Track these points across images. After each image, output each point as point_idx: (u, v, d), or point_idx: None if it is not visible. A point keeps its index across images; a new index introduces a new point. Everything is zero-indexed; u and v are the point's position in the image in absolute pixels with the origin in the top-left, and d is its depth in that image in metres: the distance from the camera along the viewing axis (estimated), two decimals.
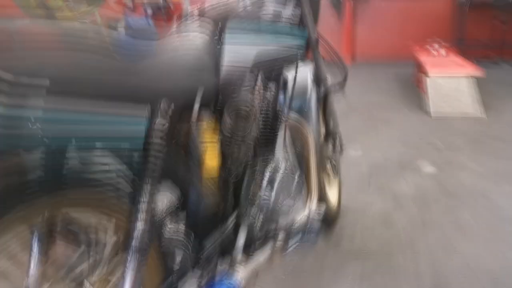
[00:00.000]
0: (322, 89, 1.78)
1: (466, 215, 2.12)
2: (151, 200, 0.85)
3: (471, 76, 3.88)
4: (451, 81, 3.91)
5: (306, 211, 1.54)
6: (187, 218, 1.03)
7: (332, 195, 1.96)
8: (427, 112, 3.91)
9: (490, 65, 5.92)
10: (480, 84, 4.04)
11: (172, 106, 0.85)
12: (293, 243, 1.41)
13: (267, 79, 1.27)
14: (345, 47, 6.83)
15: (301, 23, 1.46)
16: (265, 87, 1.26)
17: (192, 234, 1.03)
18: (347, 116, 3.87)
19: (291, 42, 1.34)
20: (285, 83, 1.40)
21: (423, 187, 2.45)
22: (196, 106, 0.95)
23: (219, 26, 1.12)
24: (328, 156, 1.89)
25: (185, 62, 0.94)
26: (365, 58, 6.93)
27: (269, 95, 1.29)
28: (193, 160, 1.03)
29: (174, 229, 1.00)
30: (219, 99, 1.09)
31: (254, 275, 1.20)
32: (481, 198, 2.28)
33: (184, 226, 1.02)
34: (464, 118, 3.74)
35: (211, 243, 1.09)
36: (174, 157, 0.94)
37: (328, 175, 1.93)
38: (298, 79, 1.47)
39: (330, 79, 1.84)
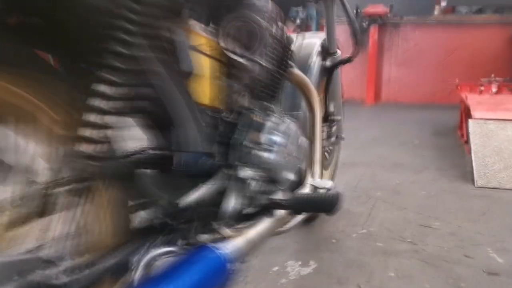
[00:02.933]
0: (328, 63, 1.68)
1: None
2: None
3: None
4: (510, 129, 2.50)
5: (310, 183, 1.33)
6: (160, 159, 0.81)
7: None
8: (469, 179, 2.42)
9: None
10: None
11: None
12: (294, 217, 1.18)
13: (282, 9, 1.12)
14: (367, 83, 5.68)
15: None
16: (278, 16, 1.09)
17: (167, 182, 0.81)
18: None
19: None
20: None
21: None
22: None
23: None
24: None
25: None
26: (392, 97, 5.61)
27: (280, 28, 1.09)
28: (180, 73, 0.79)
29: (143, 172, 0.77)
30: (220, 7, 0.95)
31: (248, 248, 0.90)
32: None
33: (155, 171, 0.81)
34: None
35: (192, 199, 0.84)
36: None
37: None
38: (303, 49, 1.53)
39: (340, 54, 1.70)
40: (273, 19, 1.06)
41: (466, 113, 3.13)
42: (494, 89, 3.63)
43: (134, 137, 0.74)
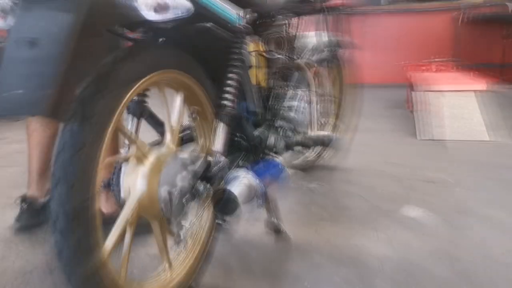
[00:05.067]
0: (331, 53, 2.38)
1: None
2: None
3: (471, 91, 3.08)
4: (445, 96, 3.39)
5: (314, 132, 1.88)
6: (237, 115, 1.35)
7: None
8: (414, 134, 3.24)
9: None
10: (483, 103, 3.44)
11: (251, 16, 1.34)
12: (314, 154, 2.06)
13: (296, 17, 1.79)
14: None
15: None
16: (293, 25, 1.76)
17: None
18: None
19: None
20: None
21: (409, 250, 1.59)
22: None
23: None
24: None
25: None
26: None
27: (293, 33, 1.78)
28: (244, 68, 1.37)
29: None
30: (263, 24, 1.50)
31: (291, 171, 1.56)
32: None
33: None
34: (464, 141, 3.10)
35: (254, 136, 1.48)
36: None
37: None
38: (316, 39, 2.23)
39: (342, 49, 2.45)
40: (290, 28, 1.70)
41: (412, 89, 3.90)
42: (434, 68, 4.42)
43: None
